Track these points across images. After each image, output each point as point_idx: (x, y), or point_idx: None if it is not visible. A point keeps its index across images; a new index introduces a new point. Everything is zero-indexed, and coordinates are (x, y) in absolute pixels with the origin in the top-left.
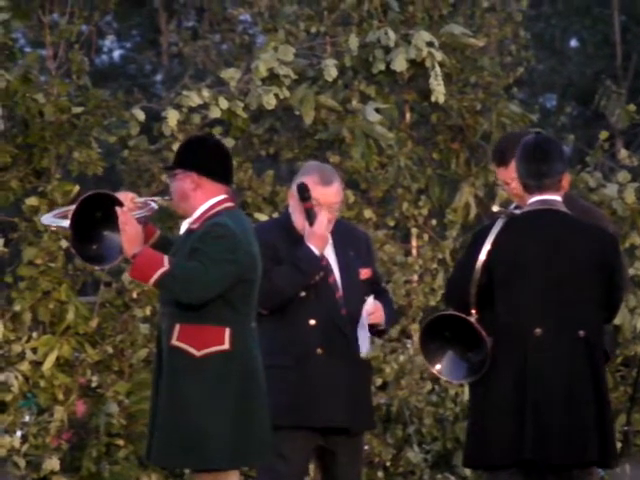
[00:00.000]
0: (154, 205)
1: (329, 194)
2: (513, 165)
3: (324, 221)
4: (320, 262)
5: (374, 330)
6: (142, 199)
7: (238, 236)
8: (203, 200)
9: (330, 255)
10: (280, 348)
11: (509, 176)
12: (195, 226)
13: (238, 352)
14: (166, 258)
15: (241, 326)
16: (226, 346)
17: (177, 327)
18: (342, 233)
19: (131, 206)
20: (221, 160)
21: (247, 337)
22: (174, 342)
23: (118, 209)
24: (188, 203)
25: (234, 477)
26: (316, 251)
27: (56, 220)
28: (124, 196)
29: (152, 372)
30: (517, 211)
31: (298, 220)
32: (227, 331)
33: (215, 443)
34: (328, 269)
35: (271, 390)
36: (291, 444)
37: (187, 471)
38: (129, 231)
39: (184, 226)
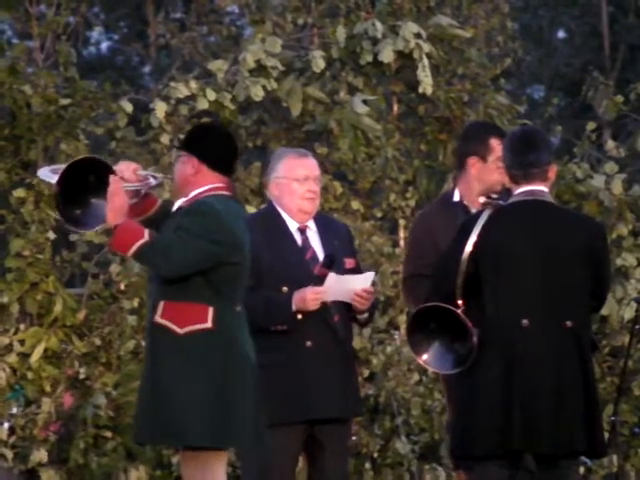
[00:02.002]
0: (152, 181)
1: (312, 166)
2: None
3: (320, 297)
4: (292, 318)
5: (354, 317)
6: (144, 172)
7: (222, 217)
8: (200, 185)
9: (316, 244)
10: (269, 345)
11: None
12: (185, 205)
13: (221, 332)
14: (147, 231)
15: (225, 308)
16: (209, 324)
17: (161, 304)
18: (325, 224)
19: (132, 177)
20: (224, 150)
21: (231, 319)
22: (157, 319)
23: (112, 177)
24: (186, 187)
25: (221, 460)
26: (294, 308)
27: (51, 175)
28: (127, 166)
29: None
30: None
31: (288, 203)
32: (210, 310)
33: (195, 421)
34: (314, 260)
35: (264, 388)
36: (284, 437)
37: (175, 461)
38: (116, 202)
39: (177, 204)
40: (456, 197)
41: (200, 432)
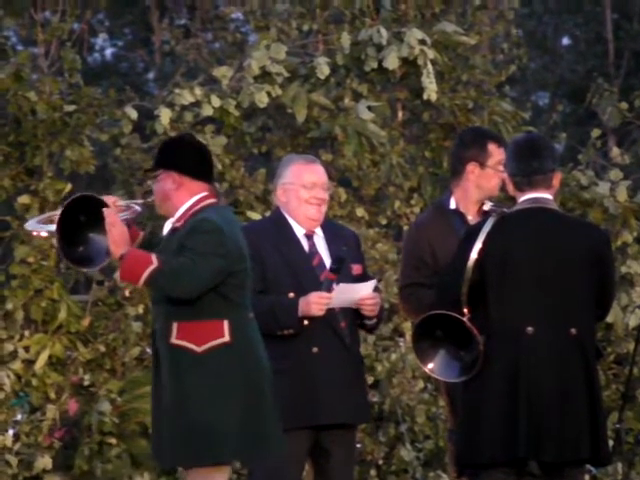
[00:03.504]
0: (137, 208)
1: (320, 172)
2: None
3: (325, 302)
4: (298, 323)
5: (362, 323)
6: (124, 202)
7: (224, 230)
8: (185, 199)
9: (323, 250)
10: (275, 351)
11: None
12: (179, 224)
13: (239, 343)
14: (154, 256)
15: (239, 317)
16: (226, 338)
17: (175, 325)
18: (332, 231)
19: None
20: (200, 158)
21: (246, 328)
22: (174, 340)
23: (105, 210)
24: (170, 203)
25: (225, 471)
26: (300, 313)
27: (40, 225)
28: (106, 199)
29: (152, 372)
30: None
31: (296, 209)
32: (225, 323)
33: (225, 438)
34: (321, 266)
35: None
36: (290, 443)
37: (180, 469)
38: (115, 232)
39: (167, 226)
40: (452, 205)
41: (232, 449)
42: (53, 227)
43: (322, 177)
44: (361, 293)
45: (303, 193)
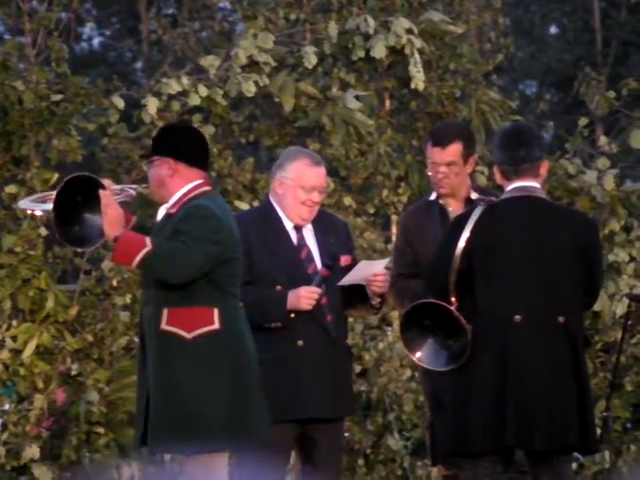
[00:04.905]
0: (131, 192)
1: (321, 176)
2: (451, 149)
3: (315, 297)
4: (285, 316)
5: (370, 304)
6: (119, 187)
7: (219, 217)
8: (180, 185)
9: (311, 242)
10: (260, 343)
11: (443, 159)
12: (173, 210)
13: (228, 331)
14: (148, 239)
15: (229, 305)
16: (216, 326)
17: (165, 311)
18: (322, 221)
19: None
20: (197, 146)
21: (236, 317)
22: (164, 326)
23: (101, 191)
24: (165, 189)
25: (224, 461)
26: (288, 307)
27: (33, 204)
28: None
29: (137, 359)
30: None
31: (289, 205)
32: (216, 311)
33: (212, 426)
34: (309, 258)
35: None
36: (275, 435)
37: (167, 457)
38: (111, 213)
39: (161, 212)
40: (432, 196)
41: (219, 437)
42: (47, 206)
43: (322, 181)
44: (375, 269)
45: (300, 193)
